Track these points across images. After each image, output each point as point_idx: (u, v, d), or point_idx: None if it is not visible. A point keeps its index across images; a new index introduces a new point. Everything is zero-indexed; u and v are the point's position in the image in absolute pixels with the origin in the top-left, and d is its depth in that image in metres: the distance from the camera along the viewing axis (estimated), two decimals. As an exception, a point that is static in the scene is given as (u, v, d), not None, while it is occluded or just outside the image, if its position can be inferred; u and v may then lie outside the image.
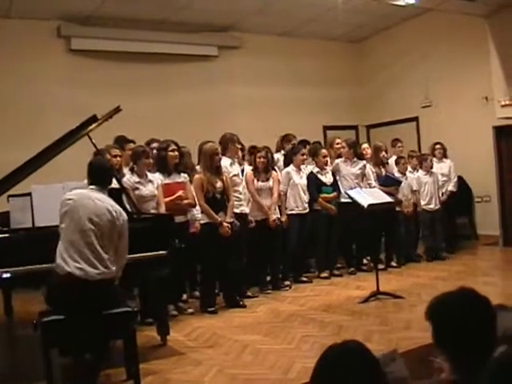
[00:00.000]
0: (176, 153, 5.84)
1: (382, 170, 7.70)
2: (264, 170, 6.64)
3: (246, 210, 6.40)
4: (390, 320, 5.04)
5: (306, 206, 7.05)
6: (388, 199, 6.29)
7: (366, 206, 5.87)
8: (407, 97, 10.14)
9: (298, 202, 6.98)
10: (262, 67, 9.98)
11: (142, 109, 8.68)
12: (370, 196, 6.09)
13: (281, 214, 6.85)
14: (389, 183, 7.49)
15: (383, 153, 7.69)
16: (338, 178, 7.38)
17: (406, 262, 7.72)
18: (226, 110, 9.59)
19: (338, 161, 7.56)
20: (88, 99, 7.98)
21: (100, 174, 3.76)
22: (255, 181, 6.60)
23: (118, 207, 3.66)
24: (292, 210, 6.95)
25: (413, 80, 10.05)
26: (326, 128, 10.69)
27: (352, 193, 6.25)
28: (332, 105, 10.59)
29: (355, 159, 7.54)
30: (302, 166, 7.16)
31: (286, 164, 7.24)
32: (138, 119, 8.39)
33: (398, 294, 5.86)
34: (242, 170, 6.73)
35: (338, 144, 7.73)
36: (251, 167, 6.79)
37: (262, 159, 6.60)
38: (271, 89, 10.00)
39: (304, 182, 7.06)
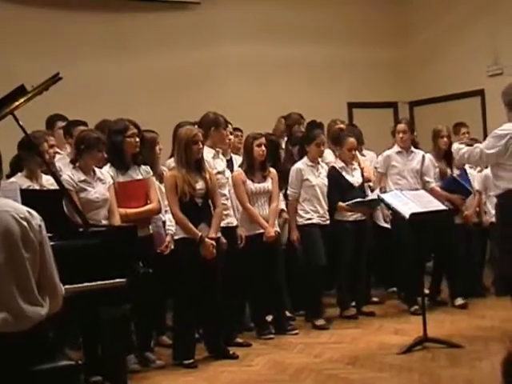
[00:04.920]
0: (137, 139, 5.86)
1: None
2: (261, 165, 6.66)
3: (234, 221, 6.43)
4: (442, 378, 5.02)
5: (327, 215, 7.08)
6: (440, 207, 6.30)
7: (407, 216, 5.90)
8: (467, 61, 10.17)
9: (318, 209, 6.97)
10: (261, 18, 10.03)
11: (90, 78, 8.69)
12: (414, 202, 6.11)
13: (289, 230, 6.86)
14: (452, 188, 7.47)
15: (444, 140, 7.64)
16: (387, 177, 7.46)
17: (466, 297, 7.71)
18: (210, 78, 9.63)
19: (388, 152, 7.61)
20: (8, 62, 8.00)
21: None
22: (248, 182, 6.61)
23: (22, 208, 3.42)
24: (309, 218, 6.96)
25: (475, 37, 10.07)
26: (351, 106, 10.72)
27: (388, 197, 6.25)
28: (360, 72, 10.63)
29: (412, 148, 7.60)
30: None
31: (288, 159, 7.21)
32: (84, 92, 8.38)
33: (453, 341, 5.85)
34: (230, 163, 6.78)
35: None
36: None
37: (262, 148, 6.58)
38: (273, 48, 10.03)
39: (324, 181, 7.07)
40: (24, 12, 8.63)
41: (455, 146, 6.51)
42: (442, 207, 6.40)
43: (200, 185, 5.83)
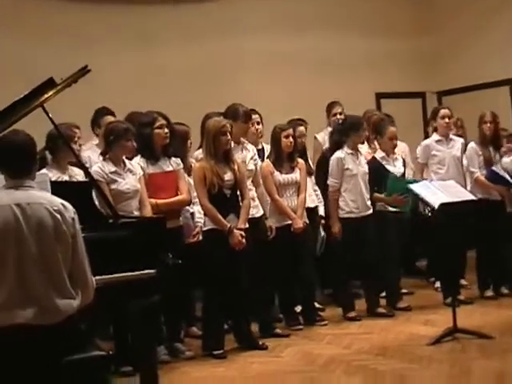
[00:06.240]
0: (166, 130, 5.87)
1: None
2: (289, 156, 6.63)
3: (257, 212, 6.37)
4: (472, 370, 4.99)
5: (369, 204, 6.88)
6: (469, 197, 6.26)
7: (436, 206, 5.88)
8: (496, 51, 10.07)
9: (359, 202, 6.78)
10: (287, 11, 10.01)
11: (117, 70, 8.75)
12: (443, 192, 6.07)
13: (329, 221, 6.85)
14: (494, 179, 7.31)
15: (488, 125, 7.44)
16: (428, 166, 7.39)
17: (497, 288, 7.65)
18: (235, 71, 9.63)
19: (427, 142, 7.55)
20: (35, 55, 8.09)
21: (13, 157, 3.47)
22: (276, 173, 6.57)
23: (56, 200, 3.45)
24: (349, 212, 6.78)
25: (503, 26, 9.97)
26: (379, 96, 10.66)
27: (417, 187, 6.21)
28: (388, 63, 10.56)
29: (451, 136, 7.51)
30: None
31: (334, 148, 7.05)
32: (111, 85, 8.42)
33: (484, 332, 5.81)
34: (261, 153, 6.79)
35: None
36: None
37: (290, 140, 6.55)
38: (301, 41, 10.00)
39: (364, 168, 6.88)
40: (51, 6, 8.68)
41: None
42: (472, 197, 6.35)
43: (228, 176, 5.83)
